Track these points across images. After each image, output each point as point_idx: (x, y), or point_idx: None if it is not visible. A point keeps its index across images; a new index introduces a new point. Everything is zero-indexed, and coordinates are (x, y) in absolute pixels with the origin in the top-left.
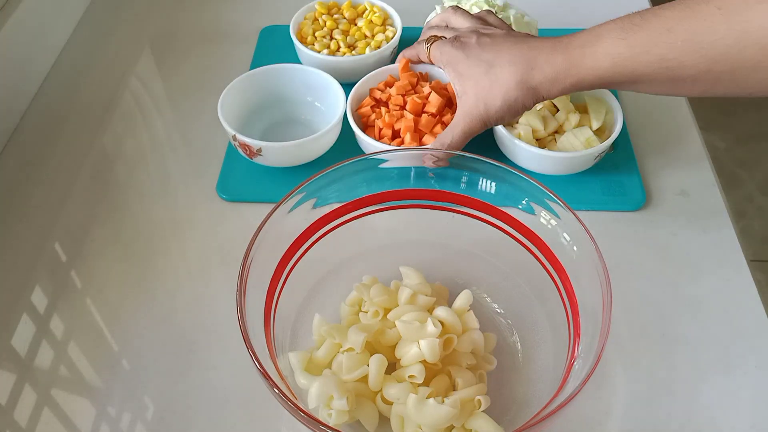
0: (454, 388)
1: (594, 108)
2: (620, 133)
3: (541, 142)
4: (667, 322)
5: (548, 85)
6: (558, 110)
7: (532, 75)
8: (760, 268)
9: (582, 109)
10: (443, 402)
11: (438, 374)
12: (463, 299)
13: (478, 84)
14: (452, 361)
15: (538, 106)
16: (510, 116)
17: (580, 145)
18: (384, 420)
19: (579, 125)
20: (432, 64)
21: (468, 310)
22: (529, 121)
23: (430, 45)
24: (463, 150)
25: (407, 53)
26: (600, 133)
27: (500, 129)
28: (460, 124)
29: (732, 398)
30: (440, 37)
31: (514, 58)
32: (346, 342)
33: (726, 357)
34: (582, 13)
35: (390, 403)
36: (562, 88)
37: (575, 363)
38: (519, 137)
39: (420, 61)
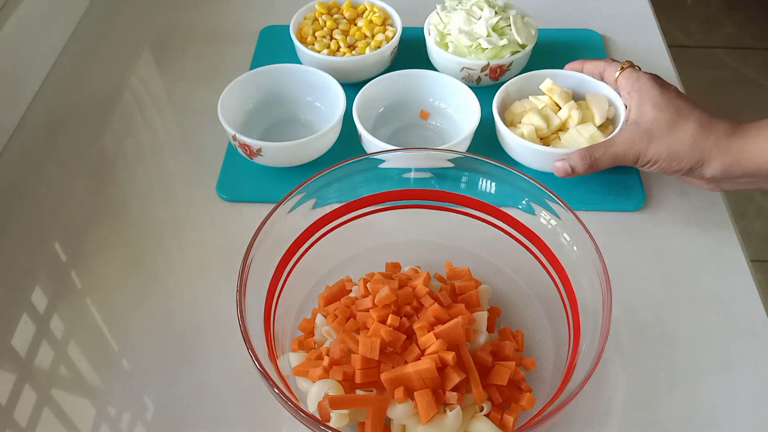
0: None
1: (596, 103)
2: None
3: (544, 141)
4: (667, 322)
5: (718, 166)
6: (560, 108)
7: (708, 146)
8: (760, 269)
9: (584, 106)
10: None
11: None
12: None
13: (656, 120)
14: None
15: (540, 105)
16: (662, 168)
17: (584, 142)
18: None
19: (582, 122)
20: (612, 85)
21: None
22: (531, 120)
23: (625, 69)
24: (463, 150)
25: (578, 65)
26: (603, 128)
27: (503, 128)
28: (618, 145)
29: (732, 398)
30: (635, 66)
31: (703, 120)
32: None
33: (726, 357)
34: (582, 14)
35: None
36: (730, 181)
37: (575, 363)
38: (522, 136)
39: (591, 75)
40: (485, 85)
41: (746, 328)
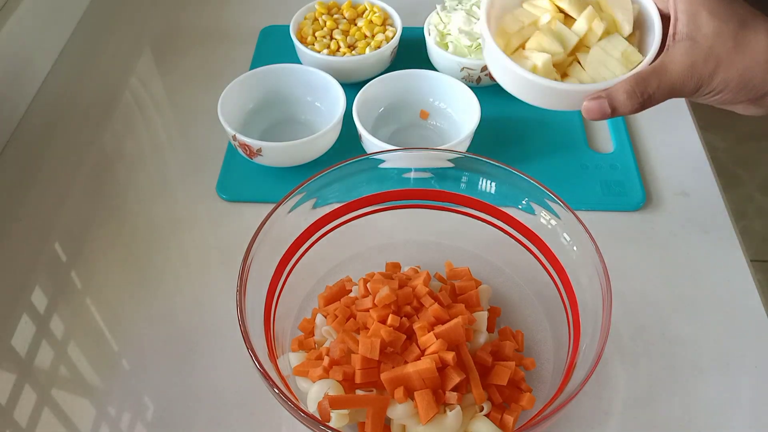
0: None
1: (616, 3)
2: (620, 133)
3: (558, 68)
4: (666, 322)
5: None
6: (569, 18)
7: None
8: (760, 268)
9: (597, 7)
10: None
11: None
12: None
13: (719, 35)
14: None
15: (544, 17)
16: (726, 99)
17: (616, 65)
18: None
19: (604, 34)
20: None
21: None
22: (541, 44)
23: None
24: (463, 150)
25: None
26: (630, 39)
27: (507, 64)
28: (674, 72)
29: (732, 398)
30: None
31: None
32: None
33: (726, 357)
34: None
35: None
36: None
37: (575, 363)
38: (535, 71)
39: None
40: (485, 85)
41: (746, 328)
